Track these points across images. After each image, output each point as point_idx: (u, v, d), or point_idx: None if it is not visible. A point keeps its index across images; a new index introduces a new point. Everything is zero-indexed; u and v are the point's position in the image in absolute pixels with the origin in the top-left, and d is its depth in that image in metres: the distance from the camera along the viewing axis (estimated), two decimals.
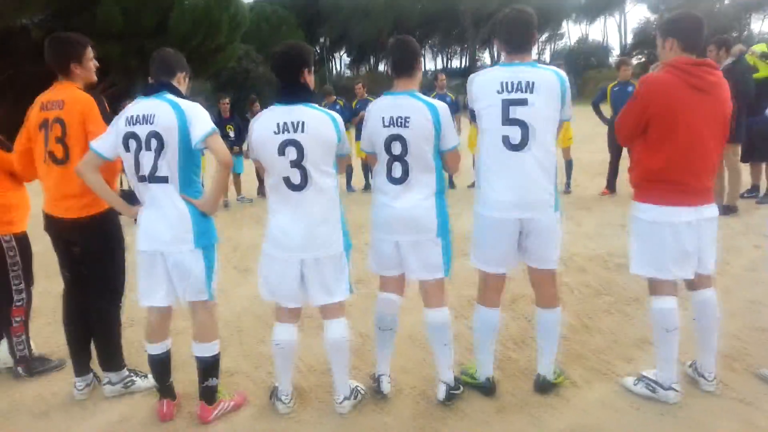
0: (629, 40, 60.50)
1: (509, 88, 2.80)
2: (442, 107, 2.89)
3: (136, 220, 3.02)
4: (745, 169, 7.37)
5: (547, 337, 3.09)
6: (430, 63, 67.04)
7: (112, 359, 3.42)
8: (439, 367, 3.09)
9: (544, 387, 3.11)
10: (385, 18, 47.28)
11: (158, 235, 2.90)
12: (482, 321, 3.08)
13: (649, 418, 2.86)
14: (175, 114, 2.83)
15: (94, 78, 3.35)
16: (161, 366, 3.13)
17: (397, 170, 2.92)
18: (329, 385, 3.17)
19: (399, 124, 2.86)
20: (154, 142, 2.83)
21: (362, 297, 4.06)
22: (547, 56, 61.25)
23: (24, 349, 3.77)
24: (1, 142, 3.58)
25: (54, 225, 3.30)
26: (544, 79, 2.80)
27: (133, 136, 2.87)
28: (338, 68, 62.03)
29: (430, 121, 2.84)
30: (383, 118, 2.90)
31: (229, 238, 7.24)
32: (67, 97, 3.18)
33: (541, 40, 67.01)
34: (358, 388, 3.18)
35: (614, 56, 63.55)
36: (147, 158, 2.86)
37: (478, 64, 52.31)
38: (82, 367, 3.44)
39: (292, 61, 2.84)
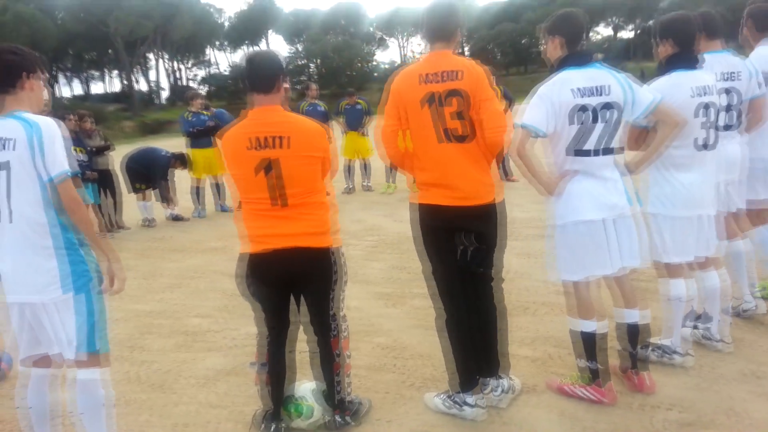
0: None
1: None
2: None
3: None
4: None
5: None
6: (65, 88, 59.49)
7: (508, 358, 3.06)
8: (744, 285, 3.78)
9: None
10: (17, 35, 40.27)
11: (613, 202, 2.88)
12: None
13: None
14: (620, 86, 2.86)
15: None
16: (601, 344, 3.00)
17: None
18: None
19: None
20: (607, 114, 2.82)
21: None
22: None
23: (351, 392, 2.93)
24: None
25: (451, 215, 2.80)
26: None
27: (584, 108, 2.81)
28: None
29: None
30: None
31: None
32: (464, 66, 2.75)
33: (187, 66, 66.70)
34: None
35: None
36: (597, 130, 2.83)
37: (136, 88, 49.02)
38: (479, 378, 2.96)
39: (693, 29, 3.18)
